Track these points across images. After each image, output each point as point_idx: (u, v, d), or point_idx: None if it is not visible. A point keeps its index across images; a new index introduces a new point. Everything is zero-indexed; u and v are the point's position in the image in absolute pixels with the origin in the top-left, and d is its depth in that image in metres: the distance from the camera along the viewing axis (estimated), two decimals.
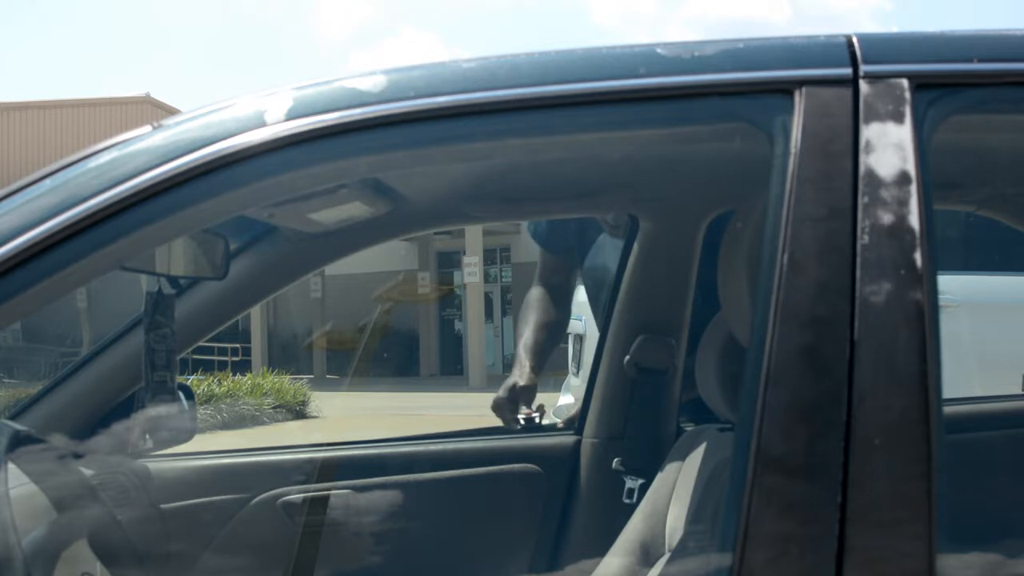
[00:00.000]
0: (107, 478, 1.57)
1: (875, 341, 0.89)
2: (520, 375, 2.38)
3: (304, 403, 11.44)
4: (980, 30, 1.07)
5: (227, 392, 11.79)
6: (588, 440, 2.03)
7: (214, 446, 2.24)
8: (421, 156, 1.15)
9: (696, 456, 1.52)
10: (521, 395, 2.31)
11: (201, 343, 1.89)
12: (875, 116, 0.96)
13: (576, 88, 1.03)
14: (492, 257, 21.97)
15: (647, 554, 1.50)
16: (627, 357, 1.98)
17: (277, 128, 1.01)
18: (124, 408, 1.70)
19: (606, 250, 2.36)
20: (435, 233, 12.80)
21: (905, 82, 0.98)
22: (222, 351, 17.23)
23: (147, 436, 1.66)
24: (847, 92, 0.98)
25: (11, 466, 1.32)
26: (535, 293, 2.59)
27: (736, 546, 0.87)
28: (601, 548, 1.59)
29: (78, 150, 1.04)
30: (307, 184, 1.21)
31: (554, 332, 2.57)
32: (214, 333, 1.93)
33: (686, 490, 1.48)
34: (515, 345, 2.53)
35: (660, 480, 1.59)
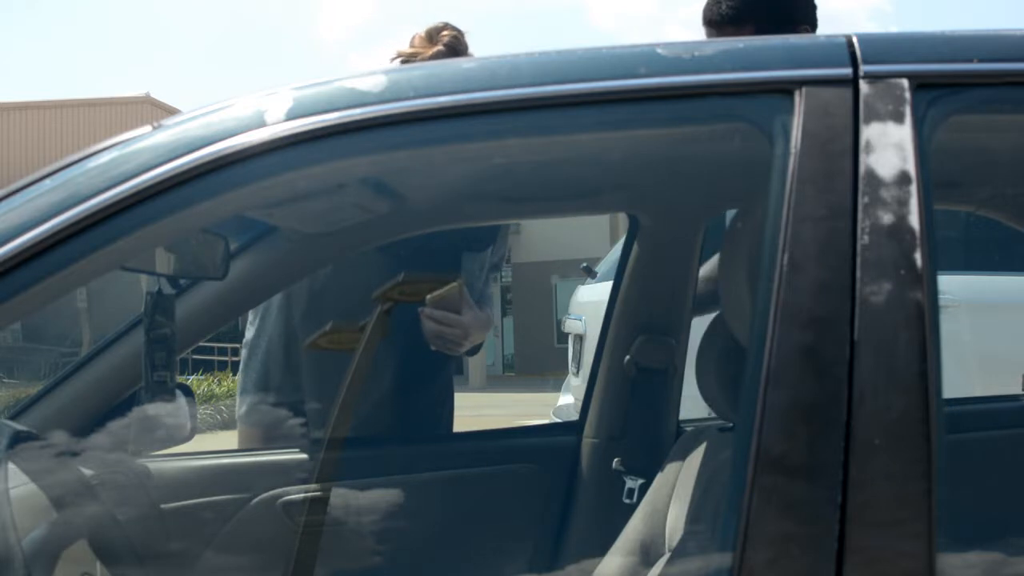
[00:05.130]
0: (107, 478, 1.57)
1: (875, 341, 0.89)
2: None
3: None
4: (980, 30, 1.07)
5: (227, 392, 11.80)
6: (588, 440, 2.03)
7: (214, 446, 2.24)
8: (421, 156, 1.14)
9: (696, 456, 1.52)
10: None
11: (201, 343, 1.89)
12: (875, 116, 0.96)
13: (576, 88, 1.03)
14: None
15: (647, 554, 1.50)
16: (627, 357, 1.98)
17: (277, 128, 1.01)
18: (124, 408, 1.70)
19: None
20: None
21: (905, 82, 0.98)
22: (222, 351, 17.23)
23: (147, 436, 1.67)
24: (847, 92, 0.98)
25: (11, 466, 1.32)
26: None
27: (736, 546, 0.87)
28: (601, 548, 1.59)
29: (78, 150, 1.04)
30: (307, 184, 1.21)
31: None
32: (214, 333, 1.93)
33: (686, 490, 1.48)
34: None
35: (660, 480, 1.59)
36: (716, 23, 2.17)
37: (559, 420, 4.47)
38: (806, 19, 2.20)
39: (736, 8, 2.15)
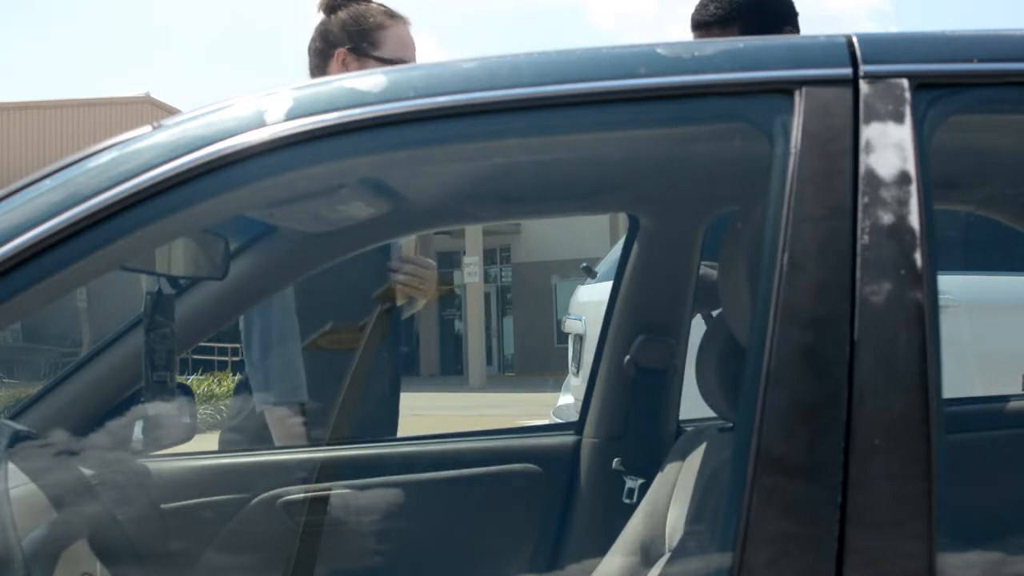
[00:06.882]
0: (107, 478, 1.57)
1: (875, 341, 0.89)
2: None
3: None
4: (980, 30, 1.07)
5: (227, 392, 11.81)
6: (588, 440, 2.03)
7: (214, 446, 2.24)
8: (421, 156, 1.15)
9: (696, 456, 1.52)
10: None
11: (201, 343, 1.89)
12: (875, 116, 0.96)
13: (576, 88, 1.03)
14: (492, 257, 21.98)
15: (647, 554, 1.50)
16: (627, 357, 1.98)
17: (277, 128, 1.01)
18: (124, 408, 1.70)
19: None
20: (435, 233, 12.81)
21: (905, 82, 0.98)
22: (222, 351, 17.24)
23: (147, 436, 1.67)
24: (847, 92, 0.98)
25: (11, 466, 1.32)
26: None
27: (736, 546, 0.87)
28: (601, 548, 1.59)
29: (78, 150, 1.04)
30: (307, 184, 1.22)
31: None
32: (214, 333, 1.93)
33: (686, 490, 1.48)
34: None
35: (660, 480, 1.59)
36: (704, 24, 2.20)
37: (559, 420, 4.47)
38: (790, 21, 2.23)
39: (725, 8, 2.18)
